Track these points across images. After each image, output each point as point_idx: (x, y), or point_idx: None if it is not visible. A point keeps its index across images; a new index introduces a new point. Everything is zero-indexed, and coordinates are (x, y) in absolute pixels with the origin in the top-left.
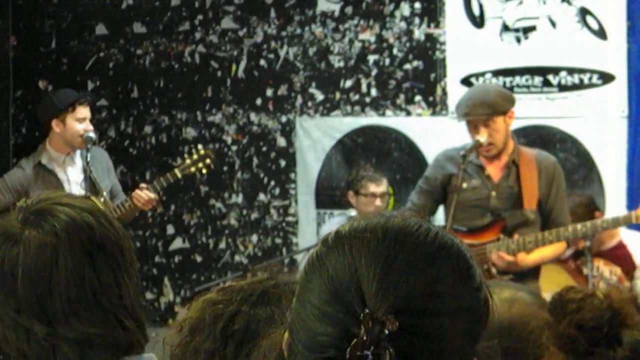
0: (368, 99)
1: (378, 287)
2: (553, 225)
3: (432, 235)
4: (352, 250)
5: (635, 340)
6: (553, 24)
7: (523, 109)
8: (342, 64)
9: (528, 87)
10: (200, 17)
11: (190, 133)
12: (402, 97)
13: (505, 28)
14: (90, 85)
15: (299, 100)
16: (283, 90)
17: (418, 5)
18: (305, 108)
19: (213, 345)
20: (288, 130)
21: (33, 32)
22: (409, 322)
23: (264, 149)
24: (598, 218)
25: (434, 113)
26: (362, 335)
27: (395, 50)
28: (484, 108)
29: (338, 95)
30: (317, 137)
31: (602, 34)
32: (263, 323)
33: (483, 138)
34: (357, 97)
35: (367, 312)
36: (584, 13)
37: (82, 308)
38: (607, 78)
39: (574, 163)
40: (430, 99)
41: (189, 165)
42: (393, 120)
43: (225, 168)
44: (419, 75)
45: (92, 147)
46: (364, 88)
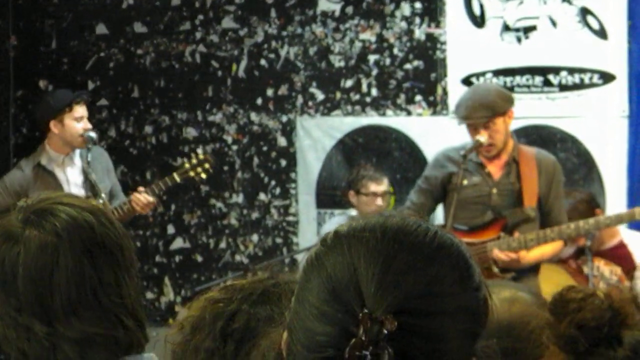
0: (368, 99)
1: (377, 286)
2: (552, 225)
3: (431, 235)
4: (351, 250)
5: (636, 340)
6: (554, 24)
7: (523, 109)
8: (342, 64)
9: (528, 86)
10: (201, 16)
11: (191, 133)
12: (402, 96)
13: (506, 28)
14: (91, 85)
15: (300, 100)
16: (283, 90)
17: (419, 5)
18: (306, 108)
19: (213, 344)
20: (289, 130)
21: (33, 31)
22: (408, 321)
23: (265, 149)
24: (599, 215)
25: (435, 113)
26: (360, 335)
27: (396, 50)
28: (484, 110)
29: (338, 95)
30: (317, 136)
31: (602, 34)
32: (263, 322)
33: (483, 138)
34: (357, 96)
35: (365, 311)
36: (585, 13)
37: (82, 307)
38: (607, 78)
39: (575, 163)
40: (431, 99)
41: (188, 170)
42: (393, 120)
43: (226, 168)
44: (420, 75)
45: (92, 147)
46: (365, 88)
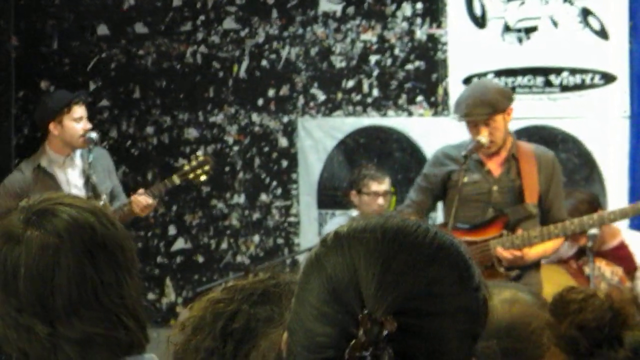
0: (370, 100)
1: (377, 287)
2: (552, 221)
3: (430, 236)
4: (350, 251)
5: (637, 341)
6: (555, 24)
7: (525, 110)
8: (343, 64)
9: (530, 87)
10: (202, 17)
11: (192, 133)
12: (403, 97)
13: (507, 28)
14: (92, 86)
15: (301, 101)
16: (285, 91)
17: (420, 6)
18: (307, 108)
19: (213, 344)
20: (290, 131)
21: (35, 32)
22: (408, 322)
23: (266, 150)
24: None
25: (436, 113)
26: (361, 336)
27: (397, 51)
28: (485, 107)
29: (340, 96)
30: (318, 137)
31: (603, 34)
32: (262, 322)
33: (485, 139)
34: (358, 97)
35: (365, 312)
36: (586, 13)
37: (83, 308)
38: (608, 78)
39: (576, 163)
40: (432, 100)
41: (188, 172)
42: (395, 121)
43: (227, 168)
44: (421, 76)
45: (94, 147)
46: (366, 88)
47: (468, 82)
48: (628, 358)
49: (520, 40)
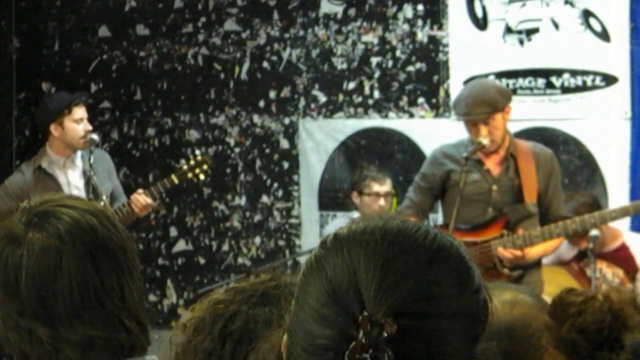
0: (371, 101)
1: (377, 289)
2: (551, 218)
3: (430, 238)
4: (350, 253)
5: (637, 344)
6: (556, 26)
7: (526, 111)
8: (345, 66)
9: (531, 89)
10: (203, 19)
11: (193, 135)
12: (405, 99)
13: (508, 30)
14: (94, 88)
15: (302, 102)
16: (286, 92)
17: (421, 8)
18: (308, 110)
19: (212, 345)
20: (291, 132)
21: (36, 34)
22: (408, 324)
23: (267, 151)
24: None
25: (437, 115)
26: (360, 338)
27: (398, 52)
28: (484, 107)
29: (341, 97)
30: (320, 139)
31: (605, 36)
32: (261, 324)
33: (486, 140)
34: (360, 99)
35: (365, 314)
36: (587, 15)
37: (85, 311)
38: (610, 80)
39: (577, 165)
40: (433, 101)
41: (186, 171)
42: (396, 122)
43: (228, 170)
44: (422, 77)
45: (94, 149)
46: (367, 90)
47: None
48: None
49: (522, 42)
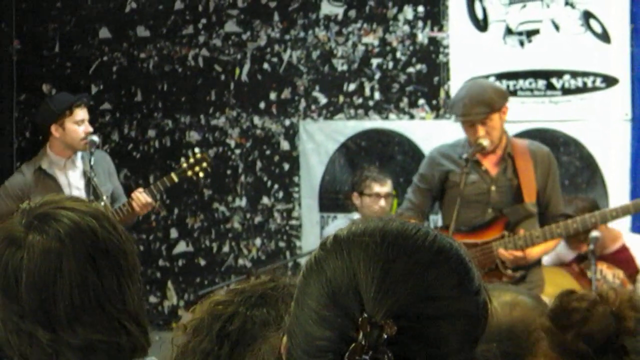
0: (371, 103)
1: (376, 291)
2: (550, 217)
3: (430, 239)
4: (350, 254)
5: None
6: (556, 28)
7: (526, 113)
8: (345, 68)
9: (531, 90)
10: (204, 20)
11: (194, 137)
12: (405, 100)
13: (509, 31)
14: (94, 89)
15: (303, 104)
16: (286, 94)
17: (421, 9)
18: (309, 111)
19: (209, 346)
20: (291, 134)
21: (36, 35)
22: (408, 326)
23: (268, 153)
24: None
25: (438, 116)
26: (360, 340)
27: (399, 54)
28: (482, 107)
29: (341, 99)
30: (320, 140)
31: (605, 38)
32: (259, 325)
33: (486, 142)
34: (360, 100)
35: (365, 316)
36: (588, 16)
37: (85, 314)
38: (610, 81)
39: (578, 166)
40: (434, 103)
41: (185, 169)
42: (396, 124)
43: (229, 172)
44: (423, 79)
45: (95, 150)
46: (368, 91)
47: None
48: None
49: (522, 44)
